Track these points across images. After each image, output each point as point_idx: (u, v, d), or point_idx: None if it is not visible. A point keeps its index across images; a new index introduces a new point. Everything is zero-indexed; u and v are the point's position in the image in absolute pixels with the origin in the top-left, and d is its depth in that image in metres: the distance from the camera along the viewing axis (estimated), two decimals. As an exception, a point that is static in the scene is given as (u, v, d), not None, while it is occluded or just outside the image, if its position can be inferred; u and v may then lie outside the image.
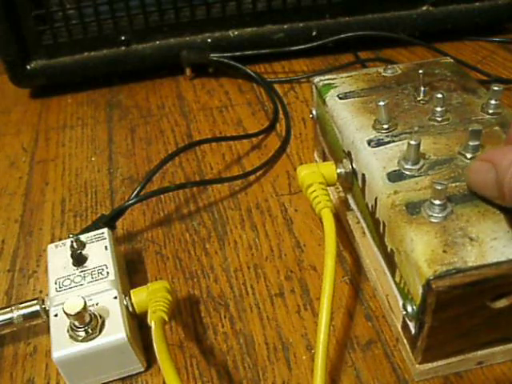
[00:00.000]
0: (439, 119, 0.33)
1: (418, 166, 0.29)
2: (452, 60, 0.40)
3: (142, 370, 0.31)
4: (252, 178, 0.45)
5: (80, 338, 0.28)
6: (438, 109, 0.33)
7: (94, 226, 0.36)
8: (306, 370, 0.30)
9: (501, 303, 0.26)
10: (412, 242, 0.26)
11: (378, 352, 0.31)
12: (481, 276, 0.24)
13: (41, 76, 0.57)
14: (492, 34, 0.62)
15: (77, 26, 0.55)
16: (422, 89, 0.35)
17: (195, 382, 0.31)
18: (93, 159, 0.49)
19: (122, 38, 0.56)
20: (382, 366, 0.30)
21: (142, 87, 0.59)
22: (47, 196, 0.45)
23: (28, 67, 0.56)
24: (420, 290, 0.25)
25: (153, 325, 0.29)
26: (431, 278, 0.24)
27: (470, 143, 0.29)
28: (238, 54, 0.57)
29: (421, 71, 0.35)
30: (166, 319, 0.29)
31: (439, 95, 0.32)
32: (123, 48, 0.57)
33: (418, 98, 0.35)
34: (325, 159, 0.41)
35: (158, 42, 0.57)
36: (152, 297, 0.30)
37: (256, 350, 0.32)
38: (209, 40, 0.58)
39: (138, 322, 0.33)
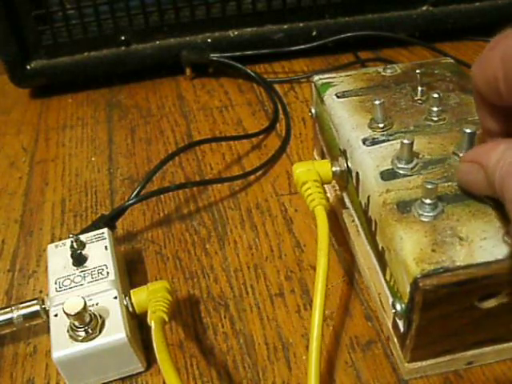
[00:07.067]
0: (435, 119, 0.33)
1: (411, 165, 0.29)
2: (452, 60, 0.40)
3: (142, 370, 0.31)
4: (252, 178, 0.45)
5: (80, 338, 0.28)
6: (435, 109, 0.33)
7: (94, 226, 0.36)
8: (305, 369, 0.30)
9: (489, 303, 0.26)
10: (401, 241, 0.26)
11: (378, 352, 0.31)
12: (469, 276, 0.24)
13: (41, 76, 0.57)
14: (492, 34, 0.62)
15: (77, 25, 0.55)
16: (420, 88, 0.35)
17: (195, 382, 0.31)
18: (93, 159, 0.49)
19: (122, 37, 0.56)
20: (381, 365, 0.30)
21: (142, 87, 0.59)
22: (47, 196, 0.45)
23: (28, 67, 0.56)
24: (408, 289, 0.25)
25: (153, 325, 0.29)
26: (418, 276, 0.24)
27: (464, 144, 0.29)
28: (238, 53, 0.57)
29: (418, 71, 0.35)
30: (166, 319, 0.30)
31: (435, 95, 0.32)
32: (123, 48, 0.57)
33: (416, 98, 0.35)
34: (323, 157, 0.42)
35: (158, 42, 0.57)
36: (152, 297, 0.30)
37: (256, 350, 0.32)
38: (209, 40, 0.57)
39: (138, 322, 0.33)
